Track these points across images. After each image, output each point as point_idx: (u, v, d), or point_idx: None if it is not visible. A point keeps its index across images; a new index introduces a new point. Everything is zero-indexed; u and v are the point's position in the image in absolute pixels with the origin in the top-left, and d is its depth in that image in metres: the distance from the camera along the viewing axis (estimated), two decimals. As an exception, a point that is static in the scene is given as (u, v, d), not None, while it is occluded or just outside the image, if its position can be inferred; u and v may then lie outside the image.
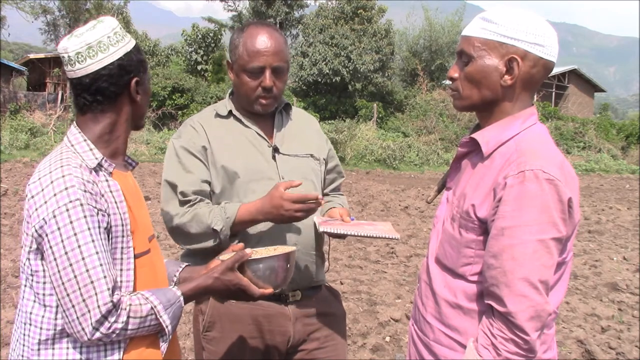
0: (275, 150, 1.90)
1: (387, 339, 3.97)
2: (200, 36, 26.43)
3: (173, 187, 1.81)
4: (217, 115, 1.93)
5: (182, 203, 1.80)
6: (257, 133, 1.90)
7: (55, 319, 1.27)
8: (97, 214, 1.25)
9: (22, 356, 1.30)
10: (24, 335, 1.31)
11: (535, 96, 1.75)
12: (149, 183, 10.95)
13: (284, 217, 1.71)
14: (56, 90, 24.73)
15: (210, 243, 1.76)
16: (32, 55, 28.76)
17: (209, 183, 1.84)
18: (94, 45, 1.33)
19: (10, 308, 4.15)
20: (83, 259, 1.20)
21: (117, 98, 1.37)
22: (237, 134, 1.89)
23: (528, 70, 1.37)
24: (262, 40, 1.80)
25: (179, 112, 21.29)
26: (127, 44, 1.38)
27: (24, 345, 1.30)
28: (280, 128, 1.95)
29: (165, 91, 21.74)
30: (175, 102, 21.81)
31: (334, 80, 23.73)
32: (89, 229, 1.22)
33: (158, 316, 1.28)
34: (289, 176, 1.89)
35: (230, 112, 1.92)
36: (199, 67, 26.22)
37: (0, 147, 14.58)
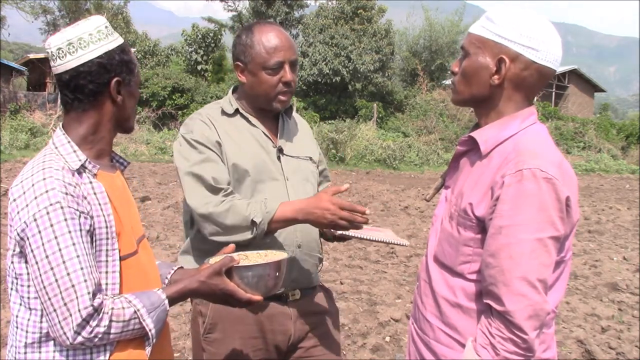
0: (280, 151, 1.90)
1: (387, 339, 3.96)
2: (200, 36, 26.44)
3: (198, 176, 1.74)
4: (223, 112, 1.90)
5: (215, 190, 1.73)
6: (264, 132, 1.90)
7: (41, 322, 1.27)
8: (79, 216, 1.24)
9: (15, 358, 1.30)
10: (14, 337, 1.31)
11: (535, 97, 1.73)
12: (149, 183, 10.94)
13: (326, 220, 1.66)
14: (56, 90, 24.71)
15: (246, 236, 1.70)
16: (32, 55, 28.74)
17: None
18: (74, 42, 1.31)
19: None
20: (64, 262, 1.20)
21: (97, 97, 1.35)
22: (244, 132, 1.88)
23: (518, 72, 1.37)
24: (277, 36, 1.82)
25: (179, 112, 21.31)
26: (110, 43, 1.35)
27: (15, 347, 1.31)
28: (283, 130, 1.95)
29: (165, 91, 21.76)
30: (175, 102, 21.83)
31: (334, 80, 23.73)
32: (69, 232, 1.21)
33: (141, 320, 1.27)
34: (293, 178, 1.89)
35: (237, 110, 1.90)
36: (199, 67, 26.23)
37: (0, 147, 14.58)
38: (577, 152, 21.64)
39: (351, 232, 1.71)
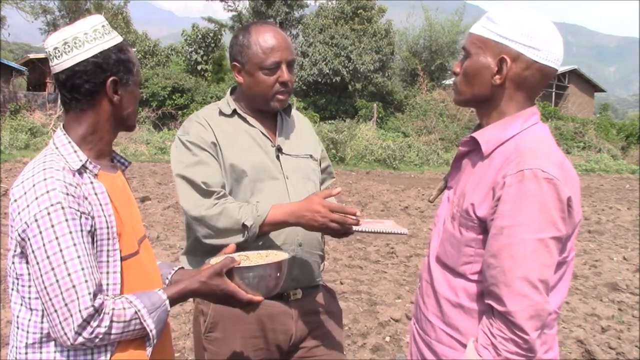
0: (279, 150, 1.90)
1: (387, 339, 3.97)
2: (200, 36, 26.44)
3: (190, 180, 1.76)
4: (221, 113, 1.91)
5: (207, 194, 1.74)
6: (262, 132, 1.90)
7: (42, 322, 1.27)
8: (80, 217, 1.24)
9: (16, 358, 1.30)
10: (15, 337, 1.31)
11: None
12: (149, 183, 10.95)
13: (317, 223, 1.66)
14: (56, 90, 24.68)
15: (237, 239, 1.71)
16: (32, 55, 28.75)
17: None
18: (69, 41, 1.31)
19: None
20: (64, 262, 1.19)
21: (94, 97, 1.34)
22: (242, 133, 1.88)
23: (520, 72, 1.37)
24: (274, 36, 1.82)
25: (179, 112, 21.31)
26: (106, 42, 1.34)
27: (16, 347, 1.31)
28: (282, 128, 1.96)
29: (165, 91, 21.76)
30: (175, 102, 21.83)
31: (334, 80, 23.73)
32: (70, 232, 1.21)
33: (142, 320, 1.27)
34: (293, 176, 1.89)
35: (234, 110, 1.90)
36: (199, 67, 26.23)
37: (0, 147, 14.58)
38: (577, 152, 21.63)
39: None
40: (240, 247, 1.64)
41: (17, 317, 1.31)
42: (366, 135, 19.29)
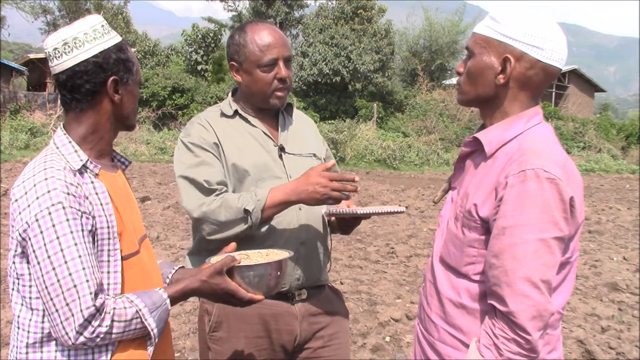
0: (282, 149, 1.91)
1: (387, 339, 3.97)
2: (200, 36, 26.43)
3: (192, 180, 1.77)
4: (223, 114, 1.92)
5: (208, 192, 1.75)
6: (264, 132, 1.91)
7: (42, 322, 1.27)
8: (81, 216, 1.24)
9: (16, 358, 1.30)
10: (16, 337, 1.31)
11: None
12: (149, 183, 10.95)
13: (318, 194, 1.66)
14: (56, 90, 24.61)
15: (241, 228, 1.71)
16: (32, 55, 28.72)
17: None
18: (69, 41, 1.31)
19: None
20: (65, 262, 1.19)
21: (95, 97, 1.34)
22: (244, 133, 1.89)
23: (524, 71, 1.37)
24: (269, 33, 1.83)
25: (179, 112, 21.31)
26: (106, 42, 1.34)
27: (17, 347, 1.31)
28: (284, 128, 1.97)
29: (165, 91, 21.76)
30: (175, 102, 21.83)
31: (334, 80, 23.72)
32: (71, 232, 1.21)
33: (143, 319, 1.27)
34: (296, 175, 1.89)
35: (236, 111, 1.91)
36: (199, 67, 26.22)
37: (0, 147, 14.57)
38: (577, 152, 21.62)
39: (346, 210, 1.73)
40: (242, 245, 1.64)
41: (18, 317, 1.30)
42: (366, 135, 19.29)
